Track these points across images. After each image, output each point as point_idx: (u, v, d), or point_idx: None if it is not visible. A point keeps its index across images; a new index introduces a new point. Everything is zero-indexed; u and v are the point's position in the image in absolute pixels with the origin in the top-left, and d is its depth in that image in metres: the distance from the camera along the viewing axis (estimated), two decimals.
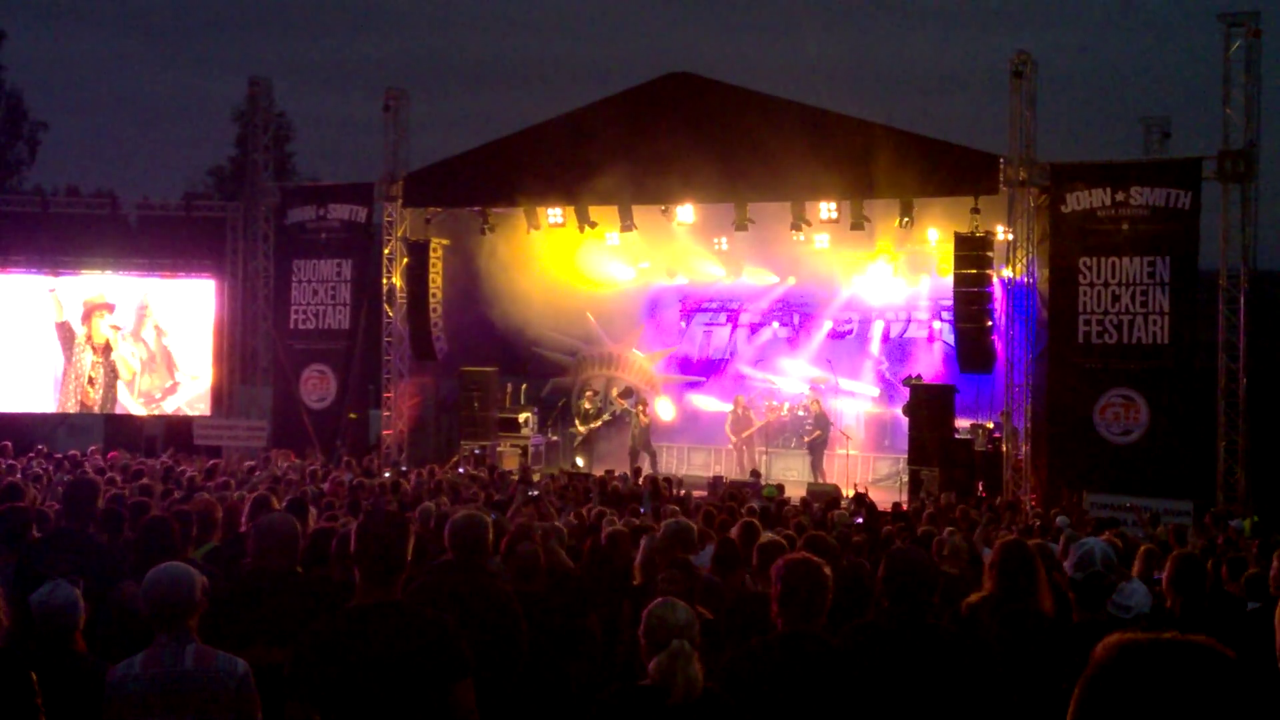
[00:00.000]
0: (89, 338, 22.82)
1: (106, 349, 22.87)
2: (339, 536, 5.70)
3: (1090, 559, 4.54)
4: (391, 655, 3.94)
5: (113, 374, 22.85)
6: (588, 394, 23.93)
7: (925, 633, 4.73)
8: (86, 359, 22.80)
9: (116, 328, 22.87)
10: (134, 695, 4.18)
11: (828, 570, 4.52)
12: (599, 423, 23.63)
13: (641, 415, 22.86)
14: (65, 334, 22.77)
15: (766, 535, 7.29)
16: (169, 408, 23.14)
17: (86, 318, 22.87)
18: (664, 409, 24.58)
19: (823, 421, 22.18)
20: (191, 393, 23.17)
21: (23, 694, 4.09)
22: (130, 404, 23.03)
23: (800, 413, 23.02)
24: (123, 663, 4.25)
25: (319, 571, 5.94)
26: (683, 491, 15.63)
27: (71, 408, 22.75)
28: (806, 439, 22.30)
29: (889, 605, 4.79)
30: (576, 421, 23.84)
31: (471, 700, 4.09)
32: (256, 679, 4.31)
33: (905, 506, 16.32)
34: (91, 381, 22.80)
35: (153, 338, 23.13)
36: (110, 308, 22.85)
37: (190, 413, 22.90)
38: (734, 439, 22.99)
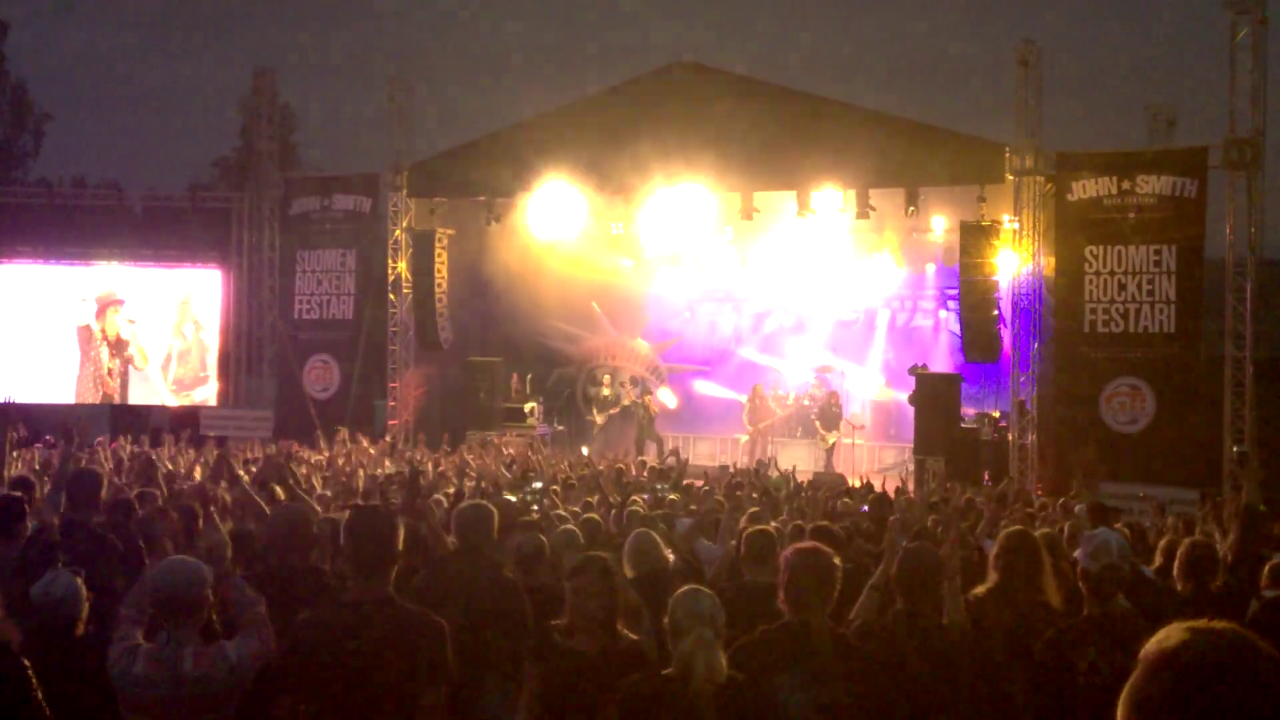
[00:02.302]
0: (103, 332, 22.94)
1: (119, 343, 23.03)
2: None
3: (1106, 550, 4.50)
4: (372, 652, 3.91)
5: (128, 366, 22.99)
6: (604, 379, 23.83)
7: (931, 628, 4.72)
8: (104, 353, 22.93)
9: (132, 321, 23.03)
10: (129, 696, 4.13)
11: (836, 560, 4.50)
12: (617, 409, 23.52)
13: (649, 405, 22.80)
14: (85, 334, 22.96)
15: (759, 525, 7.23)
16: (198, 398, 23.39)
17: (100, 314, 23.03)
18: (667, 398, 24.54)
19: (831, 420, 21.94)
20: (216, 388, 23.44)
21: (18, 683, 4.07)
22: (163, 392, 23.23)
23: (806, 402, 22.95)
24: (123, 657, 4.15)
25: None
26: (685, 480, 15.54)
27: (93, 399, 22.83)
28: (823, 447, 21.94)
29: (904, 602, 4.78)
30: (594, 409, 23.74)
31: (440, 710, 4.00)
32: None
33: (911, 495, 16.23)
34: (111, 373, 22.93)
35: (191, 331, 23.40)
36: (120, 303, 22.95)
37: (213, 405, 23.08)
38: (750, 429, 22.87)
